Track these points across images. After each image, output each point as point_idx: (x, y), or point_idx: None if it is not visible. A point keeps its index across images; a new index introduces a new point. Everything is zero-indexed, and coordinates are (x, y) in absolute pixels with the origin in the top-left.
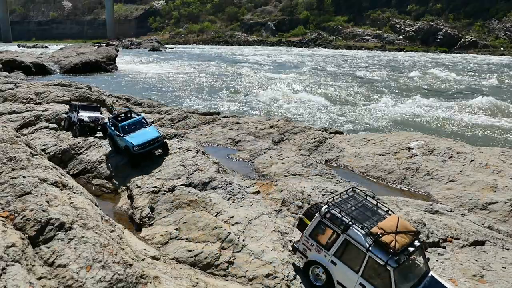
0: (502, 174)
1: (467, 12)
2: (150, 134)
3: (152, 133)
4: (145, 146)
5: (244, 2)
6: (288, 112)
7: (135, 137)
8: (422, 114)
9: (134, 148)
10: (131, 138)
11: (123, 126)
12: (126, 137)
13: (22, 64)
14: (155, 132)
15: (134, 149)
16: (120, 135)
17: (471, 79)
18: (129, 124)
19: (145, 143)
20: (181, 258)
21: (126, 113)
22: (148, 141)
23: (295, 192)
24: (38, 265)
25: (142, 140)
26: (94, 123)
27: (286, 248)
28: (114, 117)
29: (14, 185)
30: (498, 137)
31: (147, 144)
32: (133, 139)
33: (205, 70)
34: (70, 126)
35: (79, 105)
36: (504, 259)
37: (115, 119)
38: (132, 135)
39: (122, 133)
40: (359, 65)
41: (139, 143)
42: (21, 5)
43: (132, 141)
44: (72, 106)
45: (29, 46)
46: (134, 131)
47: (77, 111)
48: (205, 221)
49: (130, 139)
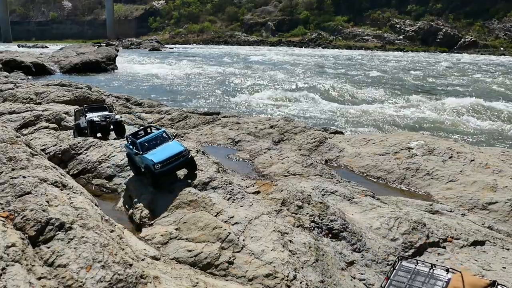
0: (502, 174)
1: (467, 12)
2: (172, 148)
3: (174, 147)
4: (167, 162)
5: (244, 2)
6: (288, 112)
7: (155, 154)
8: (422, 114)
9: (155, 166)
10: (151, 155)
11: (141, 143)
12: (145, 155)
13: (22, 64)
14: (179, 146)
15: (155, 167)
16: (139, 153)
17: (471, 79)
18: (148, 140)
19: (167, 160)
20: (181, 258)
21: (145, 129)
22: (170, 156)
23: (295, 192)
24: (38, 265)
25: (164, 156)
26: (105, 121)
27: (286, 248)
28: (132, 135)
29: (14, 185)
30: (498, 137)
31: (170, 160)
32: (153, 156)
33: (205, 70)
34: (80, 134)
35: (84, 109)
36: (504, 259)
37: (134, 136)
38: (152, 152)
39: (141, 151)
40: (359, 65)
41: (160, 159)
42: (21, 5)
43: (153, 158)
44: (78, 111)
45: (29, 46)
46: (155, 147)
47: (85, 115)
48: (205, 221)
49: (150, 156)
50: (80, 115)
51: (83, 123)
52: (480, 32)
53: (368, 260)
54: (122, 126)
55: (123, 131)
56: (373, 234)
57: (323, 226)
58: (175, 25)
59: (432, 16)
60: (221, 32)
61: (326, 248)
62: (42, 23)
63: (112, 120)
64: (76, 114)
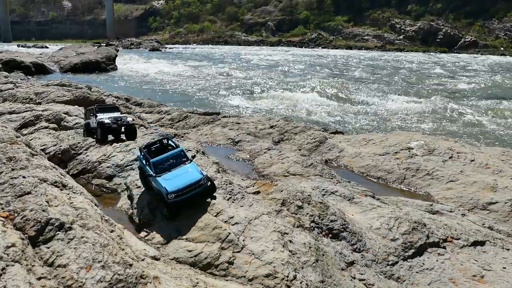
0: (502, 174)
1: (467, 12)
2: (190, 175)
3: (193, 174)
4: (183, 192)
5: (244, 2)
6: (288, 112)
7: (170, 180)
8: (422, 114)
9: (169, 195)
10: (165, 181)
11: (155, 163)
12: (159, 179)
13: (22, 64)
14: (197, 173)
15: (168, 197)
16: (152, 174)
17: (471, 79)
18: (163, 160)
19: (183, 189)
20: (181, 258)
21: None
22: (187, 186)
23: (295, 192)
24: (38, 265)
25: (180, 184)
26: (117, 124)
27: (286, 248)
28: (146, 147)
29: (14, 185)
30: (498, 137)
31: (186, 190)
32: (167, 183)
33: (205, 70)
34: (89, 134)
35: (95, 108)
36: (504, 259)
37: (148, 149)
38: (166, 177)
39: (154, 173)
40: (359, 65)
41: (175, 188)
42: (21, 5)
43: (166, 186)
44: (89, 111)
45: (29, 46)
46: (170, 169)
47: (95, 115)
48: (205, 221)
49: (163, 182)
50: (90, 114)
51: (93, 123)
52: (480, 32)
53: (368, 260)
54: (134, 129)
55: (135, 135)
56: (373, 234)
57: (323, 226)
58: (175, 25)
59: (432, 16)
60: (221, 32)
61: (326, 248)
62: (42, 23)
63: (123, 123)
64: (87, 113)
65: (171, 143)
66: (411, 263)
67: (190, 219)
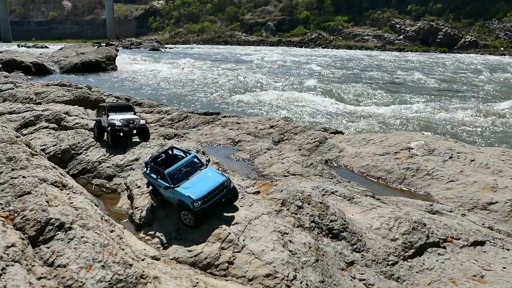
0: (502, 174)
1: (467, 12)
2: (212, 180)
3: (214, 178)
4: (208, 198)
5: (244, 2)
6: (288, 112)
7: (192, 188)
8: (422, 114)
9: (195, 204)
10: (186, 190)
11: (170, 173)
12: (178, 189)
13: (22, 64)
14: (219, 176)
15: (194, 205)
16: (169, 186)
17: (471, 79)
18: (178, 169)
19: (208, 195)
20: (181, 258)
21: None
22: (212, 190)
23: (295, 192)
24: (38, 265)
25: (204, 190)
26: (128, 127)
27: (286, 248)
28: (152, 160)
29: (14, 185)
30: (498, 137)
31: (212, 195)
32: (189, 191)
33: (205, 70)
34: (101, 133)
35: (108, 107)
36: (504, 259)
37: (154, 162)
38: (186, 185)
39: (171, 184)
40: (359, 65)
41: (200, 195)
42: (21, 5)
43: (190, 194)
44: (101, 108)
45: (29, 46)
46: (187, 177)
47: (107, 114)
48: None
49: (184, 191)
50: (102, 112)
51: (104, 122)
52: (480, 32)
53: (368, 260)
54: (146, 130)
55: (148, 136)
56: (373, 234)
57: (323, 226)
58: (175, 25)
59: (432, 16)
60: (221, 32)
61: (326, 248)
62: (42, 23)
63: (136, 126)
64: (99, 109)
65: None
66: (411, 263)
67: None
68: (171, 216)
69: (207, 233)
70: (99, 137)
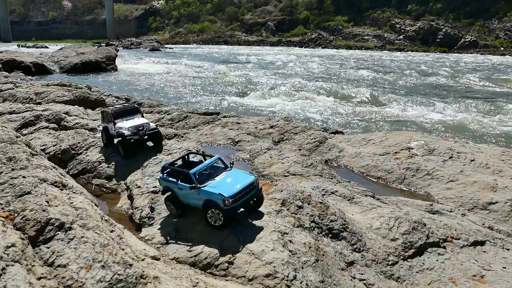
0: (502, 174)
1: (467, 12)
2: (241, 179)
3: (244, 177)
4: (239, 196)
5: (244, 2)
6: (288, 112)
7: (220, 187)
8: (422, 114)
9: (226, 201)
10: (215, 189)
11: (196, 173)
12: (205, 189)
13: (22, 64)
14: (248, 176)
15: (226, 203)
16: (196, 186)
17: (471, 79)
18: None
19: (239, 192)
20: (181, 258)
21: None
22: (243, 188)
23: (295, 192)
24: (38, 265)
25: (235, 188)
26: (138, 135)
27: (286, 248)
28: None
29: (14, 185)
30: (498, 137)
31: (243, 193)
32: (219, 189)
33: (205, 70)
34: (110, 140)
35: (113, 113)
36: (504, 259)
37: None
38: (213, 185)
39: (197, 183)
40: (359, 65)
41: (231, 193)
42: (21, 5)
43: (222, 192)
44: (106, 114)
45: (29, 46)
46: (212, 177)
47: (113, 122)
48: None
49: (214, 189)
50: (108, 119)
51: (112, 130)
52: (480, 32)
53: (368, 260)
54: (159, 134)
55: (161, 140)
56: (373, 234)
57: (323, 226)
58: (175, 25)
59: (432, 16)
60: (221, 32)
61: (326, 248)
62: (42, 23)
63: (146, 131)
64: (104, 115)
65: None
66: (411, 263)
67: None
68: (171, 216)
69: (207, 233)
70: (108, 144)
